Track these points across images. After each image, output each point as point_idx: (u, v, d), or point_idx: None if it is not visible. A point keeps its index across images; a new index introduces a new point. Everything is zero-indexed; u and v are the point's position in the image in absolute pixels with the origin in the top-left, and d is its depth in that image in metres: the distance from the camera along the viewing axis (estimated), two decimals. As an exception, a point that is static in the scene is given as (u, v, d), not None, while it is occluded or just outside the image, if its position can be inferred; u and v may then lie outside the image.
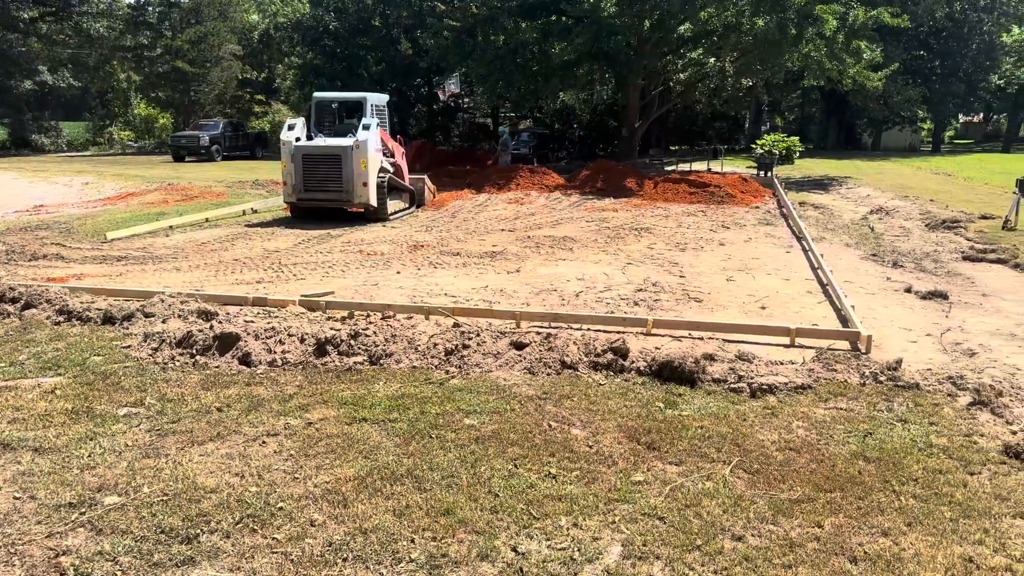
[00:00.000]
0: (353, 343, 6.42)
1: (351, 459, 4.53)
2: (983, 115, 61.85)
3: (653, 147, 33.49)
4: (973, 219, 15.63)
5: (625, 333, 7.34)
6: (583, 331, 7.44)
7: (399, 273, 10.59)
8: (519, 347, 6.46)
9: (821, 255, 11.16)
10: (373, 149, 15.30)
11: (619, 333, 7.26)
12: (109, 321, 7.58)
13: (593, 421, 5.16)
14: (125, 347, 6.79)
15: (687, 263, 11.38)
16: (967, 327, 7.99)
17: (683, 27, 26.38)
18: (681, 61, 28.76)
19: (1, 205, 18.23)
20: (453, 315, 7.94)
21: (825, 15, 22.53)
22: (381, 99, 17.01)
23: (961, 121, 66.03)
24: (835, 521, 3.92)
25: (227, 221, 16.10)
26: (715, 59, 26.79)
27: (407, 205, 17.43)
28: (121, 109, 50.99)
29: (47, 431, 4.95)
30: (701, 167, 27.72)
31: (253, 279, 10.23)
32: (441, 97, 44.05)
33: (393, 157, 16.64)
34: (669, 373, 5.98)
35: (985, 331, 7.83)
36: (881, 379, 6.03)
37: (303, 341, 6.51)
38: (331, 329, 6.73)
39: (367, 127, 15.32)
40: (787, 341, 7.23)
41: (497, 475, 4.33)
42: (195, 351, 6.49)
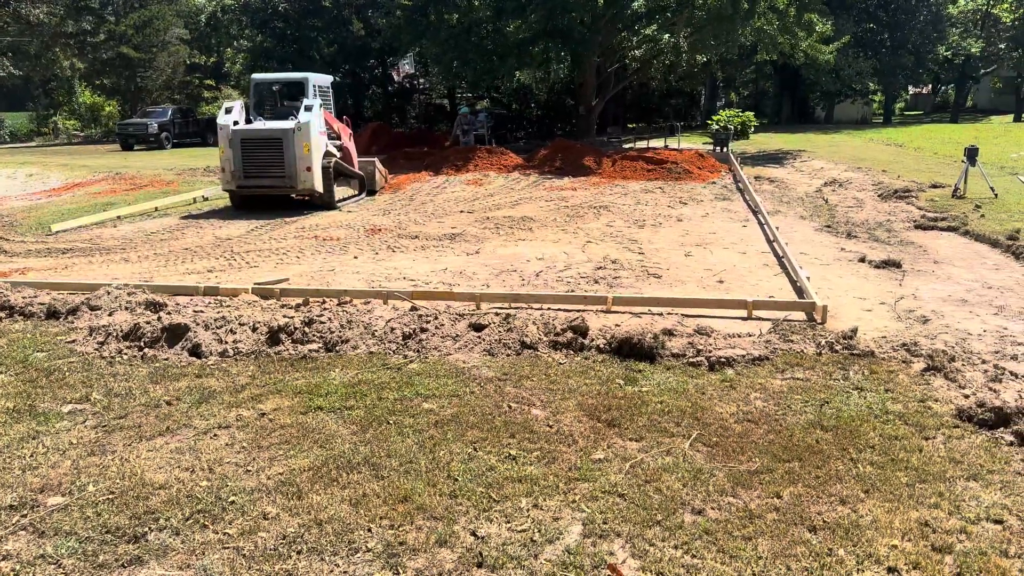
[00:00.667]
0: (308, 330, 6.28)
1: (306, 449, 4.41)
2: (931, 86, 62.87)
3: (611, 125, 33.42)
4: (924, 188, 15.89)
5: (585, 311, 7.31)
6: (543, 311, 7.39)
7: (356, 258, 10.42)
8: (478, 329, 6.38)
9: (776, 228, 11.26)
10: (316, 132, 14.66)
11: (579, 312, 7.22)
12: (53, 315, 7.32)
13: (553, 401, 5.11)
14: (70, 342, 6.56)
15: (646, 240, 11.38)
16: (920, 294, 8.12)
17: (637, 3, 26.30)
18: (636, 38, 28.72)
19: (-61, 200, 17.58)
20: (412, 299, 7.82)
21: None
22: (325, 79, 16.29)
23: (911, 93, 67.14)
24: (794, 491, 3.92)
25: (177, 210, 15.68)
26: (669, 35, 26.78)
27: (356, 191, 16.87)
28: (65, 98, 49.25)
29: (-14, 432, 4.74)
30: (658, 144, 27.83)
31: (204, 268, 9.99)
32: (396, 78, 43.43)
33: (340, 140, 16.07)
34: (628, 350, 5.95)
35: (937, 298, 7.96)
36: (837, 348, 6.09)
37: (255, 330, 6.34)
38: (284, 317, 6.57)
39: (309, 108, 14.62)
40: (744, 314, 7.28)
41: (456, 459, 4.25)
42: (143, 344, 6.29)
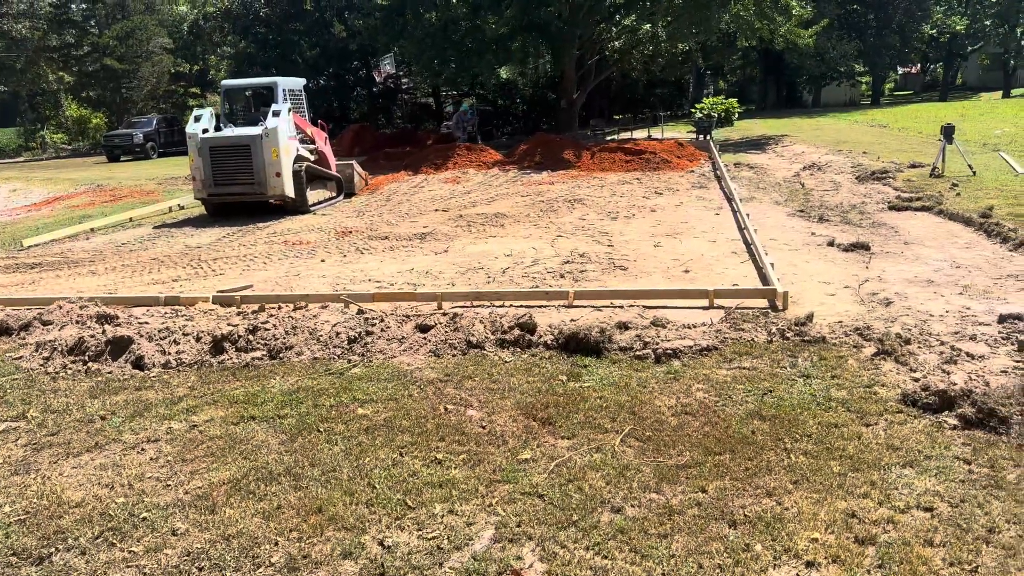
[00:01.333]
0: (252, 338, 6.19)
1: (230, 461, 4.33)
2: (920, 66, 62.66)
3: (596, 117, 33.35)
4: (903, 169, 15.78)
5: (547, 307, 7.21)
6: (506, 308, 7.28)
7: (323, 261, 10.33)
8: (424, 330, 6.29)
9: (747, 215, 11.13)
10: (286, 137, 14.58)
11: (541, 308, 7.13)
12: (6, 332, 7.25)
13: (492, 400, 5.02)
14: (16, 358, 6.48)
15: (617, 232, 11.27)
16: (886, 276, 7.99)
17: (614, -7, 26.23)
18: (615, 28, 28.58)
19: (-84, 219, 17.49)
20: (374, 300, 7.73)
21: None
22: (296, 83, 16.19)
23: (900, 73, 66.96)
24: (720, 485, 3.82)
25: (152, 219, 15.60)
26: (648, 25, 26.64)
27: (333, 194, 16.76)
28: (52, 112, 49.28)
29: (-89, 455, 4.66)
30: (642, 135, 27.72)
31: (170, 278, 9.90)
32: (377, 79, 43.27)
33: (314, 144, 16.00)
34: (576, 345, 5.86)
35: (903, 279, 7.83)
36: (788, 335, 5.98)
37: (199, 340, 6.26)
38: (228, 325, 6.48)
39: (277, 113, 14.58)
40: (706, 303, 7.17)
41: (380, 466, 4.16)
42: (87, 358, 6.21)
